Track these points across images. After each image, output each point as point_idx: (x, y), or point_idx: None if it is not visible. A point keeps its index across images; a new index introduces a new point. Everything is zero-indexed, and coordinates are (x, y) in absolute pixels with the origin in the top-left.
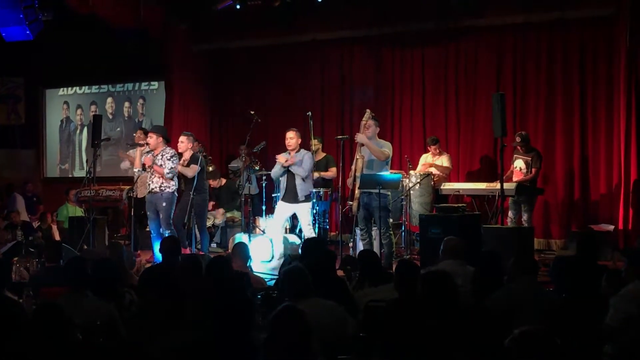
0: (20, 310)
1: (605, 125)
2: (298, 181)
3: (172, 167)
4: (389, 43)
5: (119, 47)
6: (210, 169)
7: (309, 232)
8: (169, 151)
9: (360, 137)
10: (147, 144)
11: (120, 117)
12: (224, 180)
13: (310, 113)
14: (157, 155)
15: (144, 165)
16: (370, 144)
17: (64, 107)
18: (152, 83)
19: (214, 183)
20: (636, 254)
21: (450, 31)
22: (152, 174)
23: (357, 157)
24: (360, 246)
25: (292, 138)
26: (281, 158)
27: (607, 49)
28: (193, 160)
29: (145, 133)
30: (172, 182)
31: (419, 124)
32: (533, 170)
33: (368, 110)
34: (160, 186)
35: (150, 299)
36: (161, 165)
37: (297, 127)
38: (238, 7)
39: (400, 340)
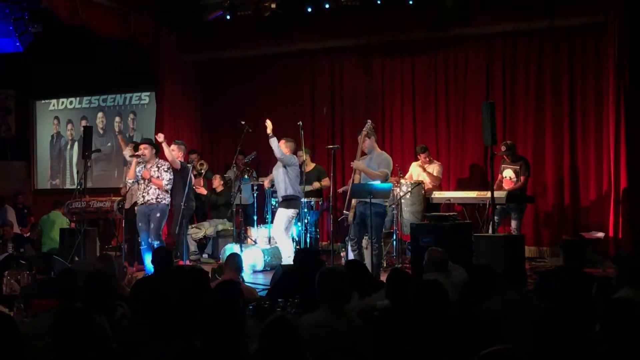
0: (12, 324)
1: (594, 132)
2: (279, 179)
3: (170, 179)
4: (379, 52)
5: (109, 58)
6: (203, 170)
7: (278, 236)
8: (164, 163)
9: (356, 164)
10: (144, 155)
11: (111, 132)
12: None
13: (301, 122)
14: (150, 167)
15: (137, 177)
16: (368, 170)
17: (55, 122)
18: (143, 98)
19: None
20: (626, 262)
21: (440, 40)
22: (146, 186)
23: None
24: (351, 257)
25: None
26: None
27: (596, 56)
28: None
29: (136, 146)
30: (167, 195)
31: (410, 132)
32: (522, 178)
33: (369, 121)
34: (157, 197)
35: (140, 310)
36: (158, 177)
37: (288, 137)
38: (228, 17)
39: (393, 349)
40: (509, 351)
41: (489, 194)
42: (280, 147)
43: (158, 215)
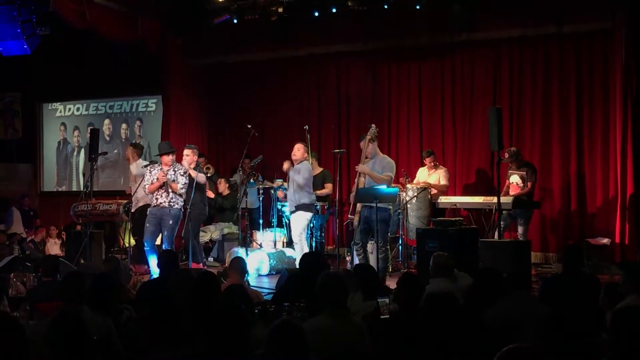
0: (17, 326)
1: (601, 138)
2: (290, 191)
3: (185, 183)
4: (385, 57)
5: (116, 61)
6: (209, 174)
7: (296, 243)
8: (181, 167)
9: (361, 168)
10: (166, 165)
11: (118, 138)
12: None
13: (307, 127)
14: (167, 170)
15: (152, 181)
16: (373, 174)
17: (61, 128)
18: (150, 105)
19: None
20: (633, 268)
21: (447, 45)
22: (161, 189)
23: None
24: (357, 261)
25: (298, 149)
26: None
27: (603, 62)
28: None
29: (142, 148)
30: (180, 199)
31: (416, 137)
32: (529, 184)
33: (373, 125)
34: (170, 201)
35: (144, 313)
36: (174, 180)
37: (294, 142)
38: (235, 21)
39: (400, 354)
40: (529, 349)
41: (495, 199)
42: (300, 152)
43: (171, 222)
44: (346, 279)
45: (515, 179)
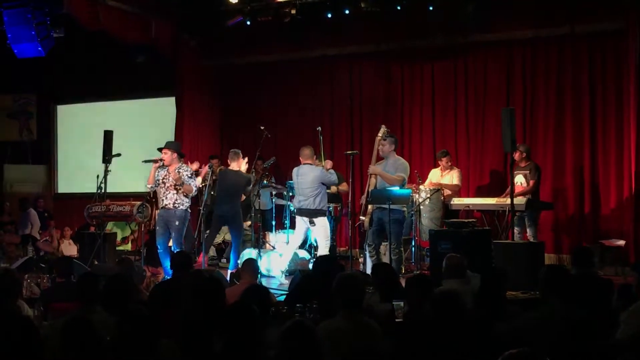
0: (32, 327)
1: (615, 139)
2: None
3: (195, 186)
4: (398, 58)
5: (129, 63)
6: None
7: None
8: (187, 168)
9: (372, 169)
10: (162, 160)
11: None
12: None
13: (320, 128)
14: (173, 171)
15: (157, 181)
16: (384, 174)
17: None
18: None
19: None
20: None
21: (459, 46)
22: (166, 190)
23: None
24: (369, 262)
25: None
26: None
27: (616, 62)
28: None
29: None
30: (186, 200)
31: (429, 139)
32: (531, 182)
33: (383, 126)
34: (175, 203)
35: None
36: (183, 183)
37: (307, 143)
38: (248, 22)
39: (410, 354)
40: (532, 354)
41: (508, 200)
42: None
43: (177, 223)
44: (362, 281)
45: (520, 179)
